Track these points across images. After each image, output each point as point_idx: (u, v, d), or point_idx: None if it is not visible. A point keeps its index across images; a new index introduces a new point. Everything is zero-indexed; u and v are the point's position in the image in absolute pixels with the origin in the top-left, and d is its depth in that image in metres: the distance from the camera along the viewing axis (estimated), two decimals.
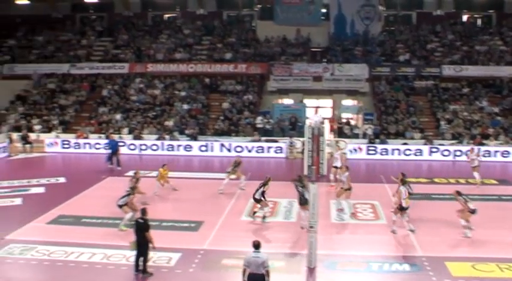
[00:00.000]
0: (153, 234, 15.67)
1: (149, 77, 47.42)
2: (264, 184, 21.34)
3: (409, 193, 20.06)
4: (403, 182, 20.26)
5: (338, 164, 26.96)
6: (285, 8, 50.77)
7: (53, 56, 50.23)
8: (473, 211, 19.05)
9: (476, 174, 27.67)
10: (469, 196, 22.43)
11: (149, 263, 16.10)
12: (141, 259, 15.71)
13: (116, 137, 36.49)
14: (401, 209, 19.44)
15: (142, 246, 15.63)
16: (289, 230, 20.17)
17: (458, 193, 19.69)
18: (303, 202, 19.60)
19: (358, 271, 15.45)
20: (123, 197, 20.11)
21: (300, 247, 17.65)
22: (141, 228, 15.61)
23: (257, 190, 21.23)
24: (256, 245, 13.50)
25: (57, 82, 47.66)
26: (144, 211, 15.95)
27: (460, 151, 36.33)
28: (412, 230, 19.44)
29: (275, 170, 33.35)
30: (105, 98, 45.33)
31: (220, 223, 21.04)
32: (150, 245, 15.64)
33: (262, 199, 21.16)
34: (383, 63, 47.73)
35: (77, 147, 38.37)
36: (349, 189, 22.32)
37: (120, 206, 20.00)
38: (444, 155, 36.72)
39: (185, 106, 43.63)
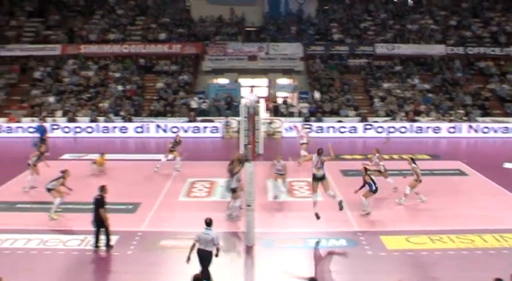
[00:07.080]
0: (89, 217, 15.56)
1: (82, 59, 46.42)
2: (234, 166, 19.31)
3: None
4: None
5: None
6: None
7: None
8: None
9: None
10: (389, 171, 23.02)
11: (86, 247, 16.05)
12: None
13: (45, 123, 35.00)
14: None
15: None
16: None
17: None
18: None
19: (295, 247, 15.63)
20: (53, 180, 19.45)
21: (238, 226, 17.75)
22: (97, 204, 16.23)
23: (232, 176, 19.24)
24: (208, 223, 13.75)
25: None
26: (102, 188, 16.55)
27: (393, 127, 37.54)
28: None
29: (212, 150, 33.38)
30: (37, 81, 44.21)
31: (158, 204, 20.98)
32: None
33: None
34: (317, 42, 48.04)
35: (8, 131, 37.43)
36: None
37: (49, 190, 19.32)
38: (378, 132, 37.39)
39: (120, 87, 42.98)
